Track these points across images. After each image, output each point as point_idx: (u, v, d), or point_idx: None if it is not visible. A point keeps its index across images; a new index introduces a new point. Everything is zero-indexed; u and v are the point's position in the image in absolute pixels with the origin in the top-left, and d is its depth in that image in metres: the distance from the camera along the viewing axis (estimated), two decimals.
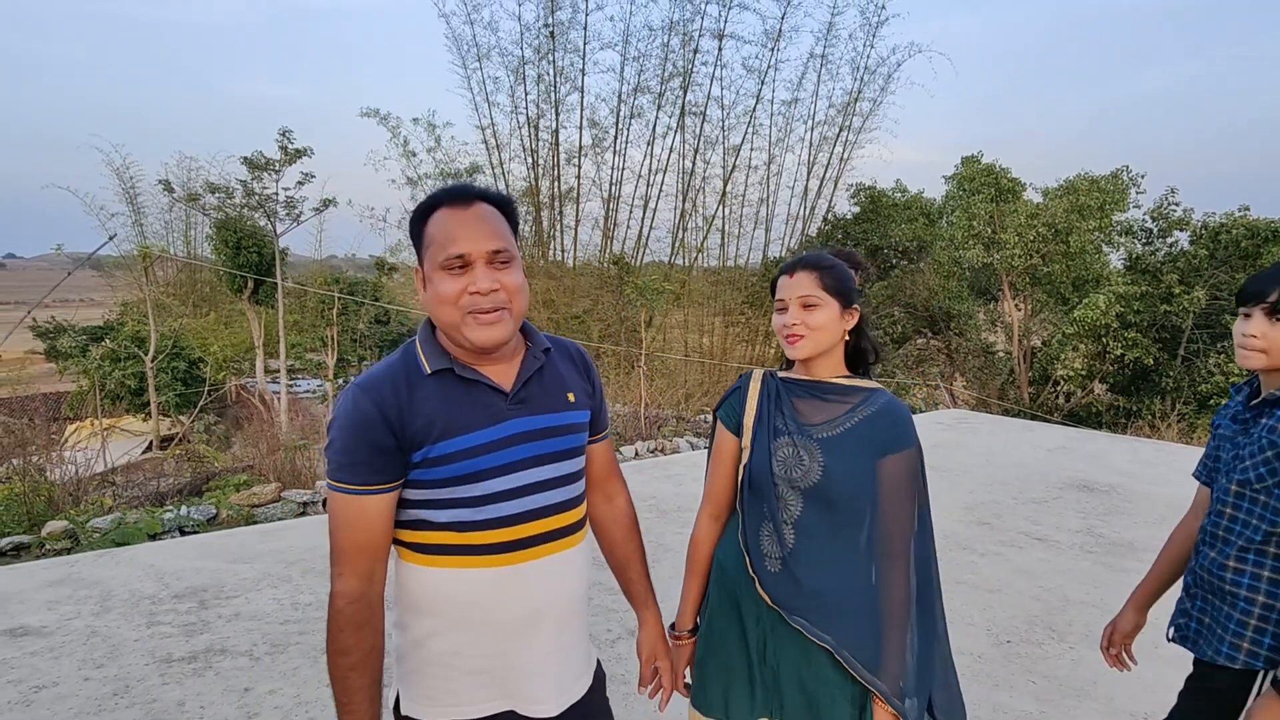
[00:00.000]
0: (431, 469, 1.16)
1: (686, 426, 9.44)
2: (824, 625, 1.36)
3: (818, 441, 1.41)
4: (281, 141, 14.03)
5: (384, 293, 19.51)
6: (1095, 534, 4.63)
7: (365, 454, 1.14)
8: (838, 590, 1.37)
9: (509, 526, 1.20)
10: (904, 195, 17.97)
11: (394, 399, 1.15)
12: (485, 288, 1.15)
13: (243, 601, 3.55)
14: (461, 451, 1.16)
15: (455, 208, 1.18)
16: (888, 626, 1.35)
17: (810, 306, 1.43)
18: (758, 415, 1.48)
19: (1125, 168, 15.21)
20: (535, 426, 1.23)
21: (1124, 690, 2.84)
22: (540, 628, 1.24)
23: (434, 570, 1.21)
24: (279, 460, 7.72)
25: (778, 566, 1.41)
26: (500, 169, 14.39)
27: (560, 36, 13.71)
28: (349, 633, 1.15)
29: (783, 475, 1.42)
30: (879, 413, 1.42)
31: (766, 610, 1.43)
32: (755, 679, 1.45)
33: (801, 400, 1.46)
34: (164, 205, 19.93)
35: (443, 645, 1.22)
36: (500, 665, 1.23)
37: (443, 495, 1.18)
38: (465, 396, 1.19)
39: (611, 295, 13.37)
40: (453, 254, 1.15)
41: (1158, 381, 12.79)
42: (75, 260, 14.36)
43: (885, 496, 1.38)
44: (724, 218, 15.25)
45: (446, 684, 1.23)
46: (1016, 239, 13.87)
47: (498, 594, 1.20)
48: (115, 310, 18.60)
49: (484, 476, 1.18)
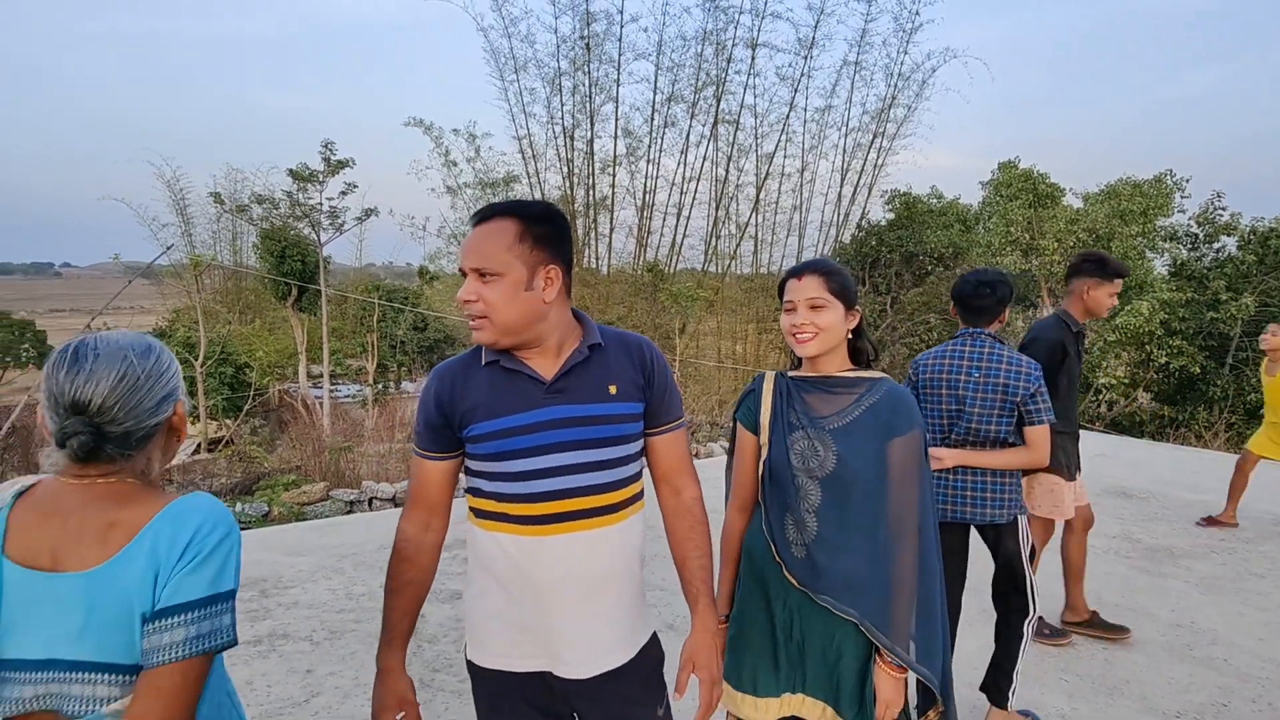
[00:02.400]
0: (476, 445, 1.36)
1: (720, 432, 9.52)
2: (849, 600, 1.49)
3: (830, 432, 1.53)
4: (324, 153, 14.48)
5: (424, 300, 19.92)
6: (1133, 539, 4.61)
7: (424, 427, 1.40)
8: (858, 568, 1.49)
9: (539, 502, 1.33)
10: (939, 201, 17.83)
11: (449, 384, 1.38)
12: (462, 298, 1.32)
13: (300, 591, 3.75)
14: (498, 431, 1.33)
15: (474, 224, 1.35)
16: (896, 594, 1.48)
17: (818, 308, 1.56)
18: (773, 413, 1.61)
19: (1169, 171, 14.92)
20: (570, 414, 1.33)
21: (1157, 689, 2.87)
22: (569, 596, 1.35)
23: (485, 533, 1.39)
24: (324, 462, 8.00)
25: (802, 552, 1.53)
26: (536, 178, 14.66)
27: (595, 48, 13.94)
28: (395, 563, 1.41)
29: (801, 466, 1.54)
30: (882, 400, 1.54)
31: (793, 591, 1.55)
32: (780, 656, 1.57)
33: (811, 395, 1.59)
34: (211, 215, 20.63)
35: (492, 601, 1.39)
36: (538, 625, 1.36)
37: (488, 468, 1.36)
38: (507, 384, 1.35)
39: (645, 302, 13.51)
40: (459, 266, 1.37)
41: (1205, 390, 12.50)
42: (130, 269, 14.96)
43: (894, 477, 1.50)
44: (757, 225, 15.32)
45: (496, 635, 1.39)
46: (1055, 245, 13.69)
47: (528, 561, 1.34)
48: (167, 317, 19.30)
49: (518, 455, 1.32)
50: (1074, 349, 3.04)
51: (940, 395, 2.48)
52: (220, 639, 0.96)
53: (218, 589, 0.97)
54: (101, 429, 0.98)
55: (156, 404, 1.03)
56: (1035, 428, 2.38)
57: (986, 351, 2.46)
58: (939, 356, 2.52)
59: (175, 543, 0.96)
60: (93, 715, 0.94)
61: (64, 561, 0.95)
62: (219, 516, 1.00)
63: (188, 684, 0.94)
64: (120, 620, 0.94)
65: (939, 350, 2.55)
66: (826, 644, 1.53)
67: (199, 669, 0.95)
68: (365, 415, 13.48)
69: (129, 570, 0.94)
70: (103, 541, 0.96)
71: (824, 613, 1.51)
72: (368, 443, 9.52)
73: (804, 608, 1.54)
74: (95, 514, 0.97)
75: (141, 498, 1.00)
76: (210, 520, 0.99)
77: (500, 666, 1.39)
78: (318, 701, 2.75)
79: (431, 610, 3.51)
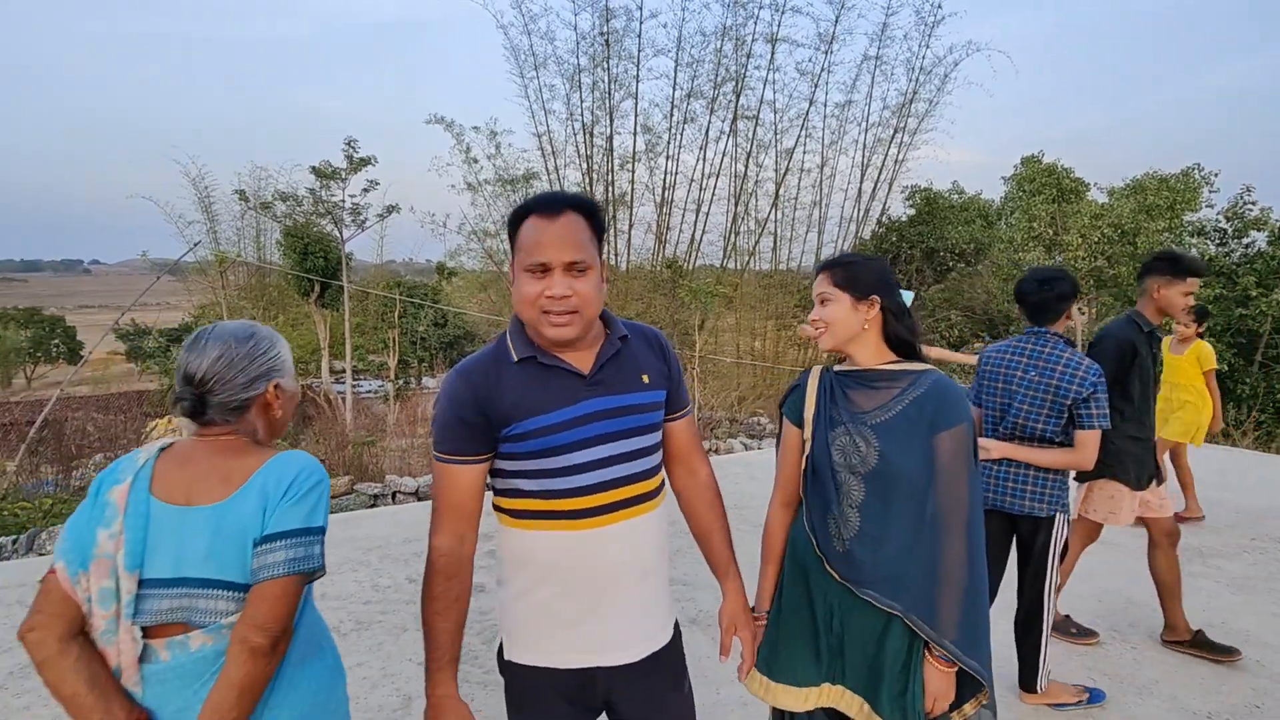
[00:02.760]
0: (517, 443, 1.32)
1: (739, 428, 9.50)
2: (891, 594, 1.47)
3: (872, 428, 1.52)
4: (347, 151, 14.62)
5: (443, 296, 20.06)
6: None
7: (459, 429, 1.31)
8: (901, 562, 1.48)
9: (588, 495, 1.34)
10: (961, 197, 17.65)
11: (484, 382, 1.32)
12: (559, 293, 1.28)
13: (328, 583, 3.80)
14: (542, 428, 1.31)
15: (544, 217, 1.30)
16: (945, 588, 1.46)
17: (825, 302, 1.59)
18: (816, 408, 1.60)
19: (1197, 165, 14.67)
20: (611, 405, 1.36)
21: (1188, 689, 2.84)
22: (621, 583, 1.39)
23: (527, 533, 1.36)
24: (348, 456, 8.09)
25: (844, 547, 1.52)
26: (556, 175, 14.67)
27: (615, 45, 13.93)
28: (439, 582, 1.32)
29: (842, 463, 1.53)
30: (927, 393, 1.51)
31: (834, 585, 1.54)
32: (821, 647, 1.57)
33: (854, 391, 1.58)
34: (235, 213, 20.92)
35: (538, 599, 1.37)
36: (589, 617, 1.37)
37: (529, 466, 1.33)
38: (546, 380, 1.34)
39: (664, 298, 13.51)
40: (536, 261, 1.28)
41: (1233, 389, 12.26)
42: (157, 266, 15.21)
43: (941, 472, 1.48)
44: (776, 221, 15.23)
45: (541, 634, 1.38)
46: (1080, 240, 13.50)
47: (582, 554, 1.35)
48: (192, 313, 19.60)
49: (563, 450, 1.32)
50: (1146, 350, 2.89)
51: (995, 388, 2.55)
52: (311, 564, 1.18)
53: (310, 523, 1.20)
54: (204, 397, 1.25)
55: (249, 381, 1.27)
56: (1085, 431, 2.41)
57: (1046, 351, 2.48)
58: (1001, 351, 2.58)
59: (280, 483, 1.20)
60: (214, 626, 1.17)
61: (195, 498, 1.20)
62: (314, 467, 1.24)
63: (286, 597, 1.16)
64: (236, 544, 1.17)
65: (1004, 345, 2.60)
66: (868, 638, 1.52)
67: (296, 587, 1.17)
68: (387, 410, 13.61)
69: (244, 504, 1.18)
70: (225, 483, 1.20)
71: (866, 606, 1.50)
72: (390, 437, 9.62)
73: (845, 602, 1.53)
74: (218, 462, 1.23)
75: (253, 451, 1.25)
76: (307, 469, 1.23)
77: (544, 664, 1.38)
78: None
79: None
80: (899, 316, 1.58)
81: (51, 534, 4.79)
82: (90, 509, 1.19)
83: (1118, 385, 2.83)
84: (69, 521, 1.21)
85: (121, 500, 1.18)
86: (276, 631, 1.14)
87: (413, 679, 2.88)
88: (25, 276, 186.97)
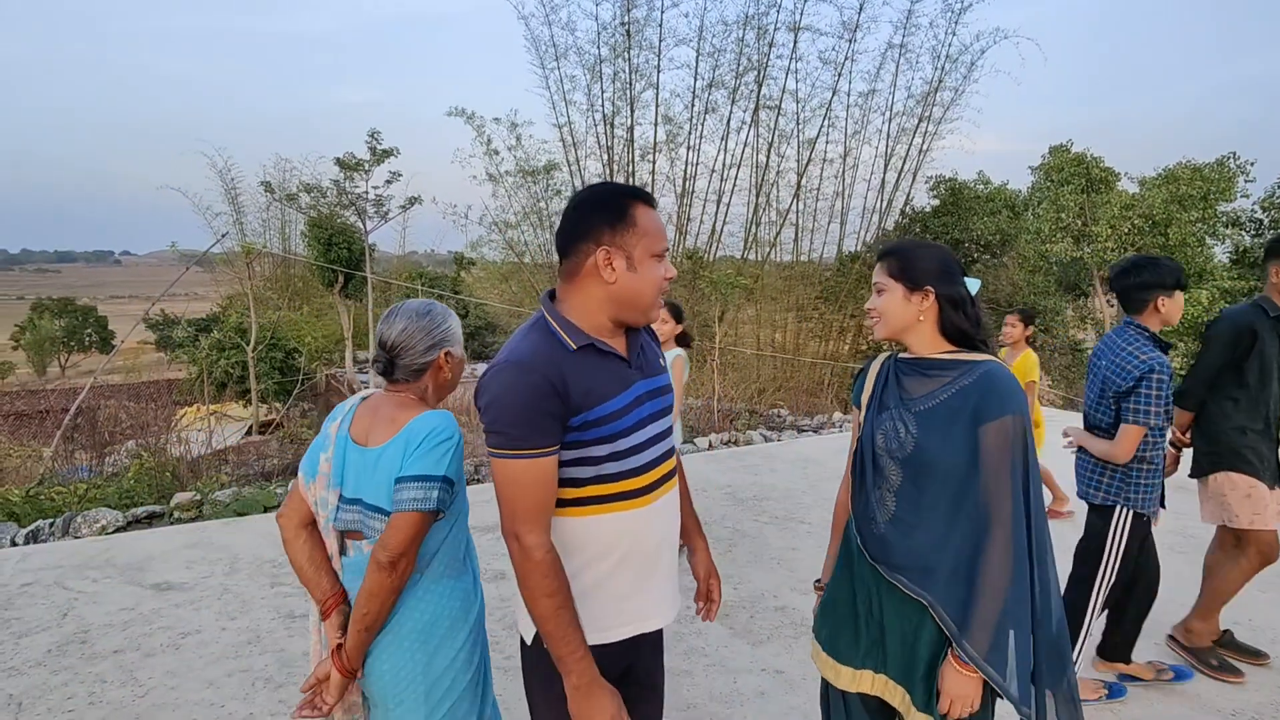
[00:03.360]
0: (587, 431, 1.33)
1: (759, 420, 9.48)
2: (919, 581, 1.47)
3: (914, 414, 1.51)
4: (370, 143, 14.75)
5: (463, 287, 20.18)
6: (1187, 534, 4.49)
7: (544, 421, 1.29)
8: (933, 552, 1.46)
9: (644, 474, 1.42)
10: (987, 187, 17.37)
11: (558, 372, 1.30)
12: (674, 274, 1.43)
13: None
14: (610, 414, 1.35)
15: (651, 208, 1.40)
16: (982, 592, 1.40)
17: (880, 291, 1.57)
18: (871, 393, 1.62)
19: (1232, 154, 14.28)
20: (649, 388, 1.45)
21: (1212, 688, 2.81)
22: (664, 554, 1.49)
23: (582, 519, 1.38)
24: None
25: (880, 529, 1.53)
26: (577, 165, 14.69)
27: (636, 34, 13.87)
28: (553, 578, 1.30)
29: (884, 447, 1.53)
30: (975, 383, 1.46)
31: (871, 569, 1.55)
32: (861, 630, 1.58)
33: (909, 378, 1.56)
34: (261, 204, 21.21)
35: (588, 579, 1.39)
36: (639, 589, 1.44)
37: (595, 453, 1.35)
38: (605, 367, 1.38)
39: (685, 290, 13.49)
40: (664, 247, 1.41)
41: None
42: (185, 257, 15.46)
43: (985, 466, 1.42)
44: (798, 212, 15.13)
45: (593, 612, 1.39)
46: (1109, 231, 13.26)
47: (641, 529, 1.42)
48: (220, 303, 19.94)
49: (625, 434, 1.37)
50: (1271, 336, 2.69)
51: (1089, 377, 2.62)
52: (428, 505, 1.43)
53: (433, 471, 1.44)
54: (393, 360, 1.57)
55: (425, 349, 1.57)
56: (1125, 425, 2.43)
57: (1119, 342, 2.50)
58: (1101, 341, 2.64)
59: (417, 435, 1.46)
60: (373, 539, 1.50)
61: (371, 440, 1.53)
62: (447, 426, 1.49)
63: (408, 528, 1.42)
64: (387, 480, 1.47)
65: (1106, 335, 2.65)
66: (905, 626, 1.51)
67: (416, 521, 1.42)
68: None
69: (394, 449, 1.48)
70: (390, 429, 1.50)
71: (902, 596, 1.50)
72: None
73: (882, 587, 1.54)
74: (391, 413, 1.53)
75: (414, 406, 1.55)
76: (440, 427, 1.48)
77: (600, 641, 1.40)
78: None
79: None
80: (958, 306, 1.52)
81: (87, 518, 4.93)
82: (319, 438, 1.60)
83: (1231, 371, 2.72)
84: (311, 444, 1.63)
85: (334, 434, 1.57)
86: (396, 554, 1.41)
87: None
88: (59, 267, 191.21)
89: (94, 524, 4.90)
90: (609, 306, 1.38)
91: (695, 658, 3.00)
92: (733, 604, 3.50)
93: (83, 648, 3.07)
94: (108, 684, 2.81)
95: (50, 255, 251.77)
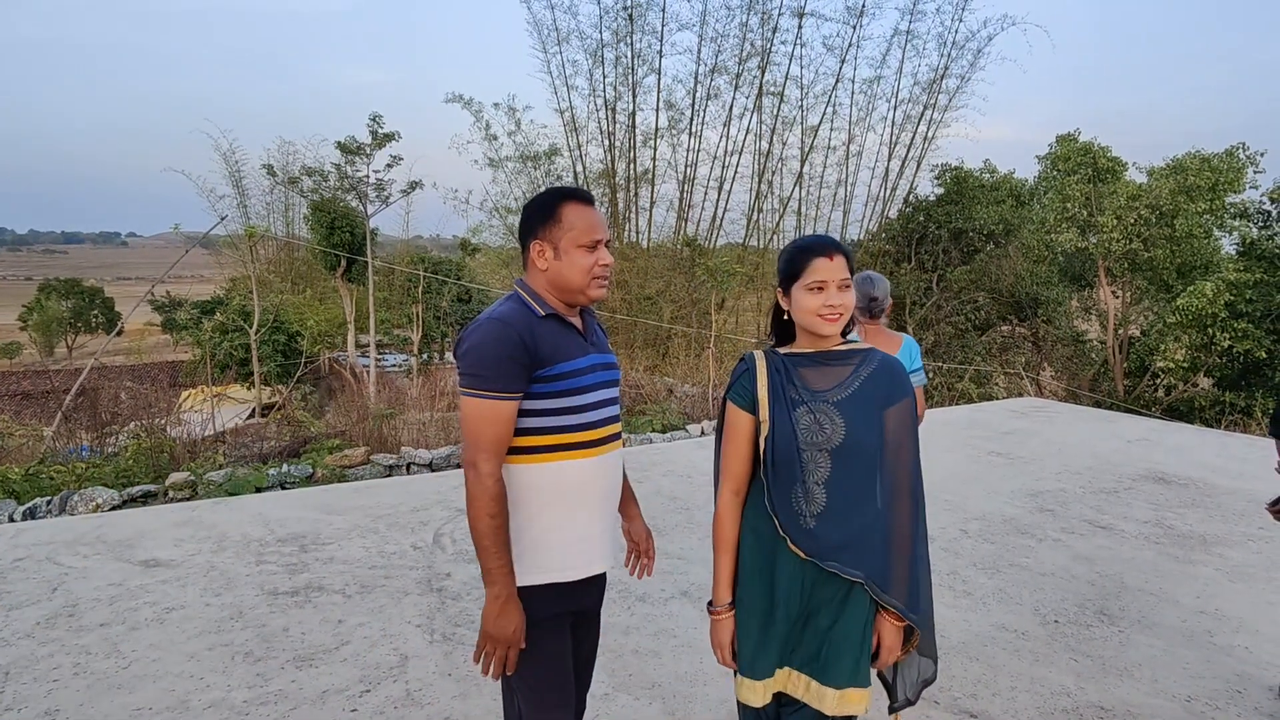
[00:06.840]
0: (549, 384, 1.57)
1: None
2: (853, 562, 1.54)
3: (834, 405, 1.57)
4: (372, 126, 14.74)
5: (466, 272, 20.23)
6: (1165, 525, 4.52)
7: (510, 366, 1.52)
8: (862, 532, 1.56)
9: (597, 428, 1.65)
10: (992, 176, 17.26)
11: (528, 328, 1.56)
12: (609, 261, 1.64)
13: (336, 548, 3.95)
14: (569, 371, 1.59)
15: (586, 205, 1.62)
16: (896, 554, 1.58)
17: (846, 288, 1.58)
18: (770, 391, 1.61)
19: (1241, 145, 14.10)
20: (601, 361, 1.70)
21: (1170, 673, 2.86)
22: (609, 503, 1.71)
23: (553, 464, 1.60)
24: (368, 428, 8.28)
25: (810, 524, 1.55)
26: (578, 151, 14.68)
27: (638, 19, 13.81)
28: (498, 501, 1.52)
29: (808, 441, 1.56)
30: (878, 370, 1.62)
31: (799, 565, 1.58)
32: (777, 634, 1.60)
33: (808, 370, 1.61)
34: (265, 188, 21.24)
35: (548, 520, 1.61)
36: (589, 534, 1.65)
37: (555, 405, 1.58)
38: (566, 334, 1.63)
39: (684, 277, 13.50)
40: (596, 238, 1.60)
41: (1270, 376, 11.93)
42: (189, 239, 15.56)
43: (891, 442, 1.59)
44: (800, 199, 15.10)
45: (554, 550, 1.62)
46: (1115, 222, 13.15)
47: (595, 475, 1.65)
48: (224, 286, 20.04)
49: (581, 391, 1.61)
50: None
51: None
52: None
53: None
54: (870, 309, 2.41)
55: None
56: None
57: None
58: None
59: None
60: None
61: None
62: None
63: None
64: None
65: None
66: (832, 607, 1.57)
67: None
68: (410, 384, 13.84)
69: None
70: None
71: (833, 581, 1.55)
72: (410, 411, 9.81)
73: (814, 580, 1.57)
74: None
75: None
76: None
77: (557, 579, 1.62)
78: (347, 649, 2.93)
79: (456, 570, 3.67)
80: None
81: (83, 497, 5.02)
82: None
83: None
84: None
85: None
86: None
87: (410, 639, 3.01)
88: (65, 248, 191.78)
89: (90, 502, 4.99)
90: (552, 289, 1.64)
91: (664, 639, 3.07)
92: (705, 587, 3.56)
93: (70, 621, 3.16)
94: (93, 655, 2.89)
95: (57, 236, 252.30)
